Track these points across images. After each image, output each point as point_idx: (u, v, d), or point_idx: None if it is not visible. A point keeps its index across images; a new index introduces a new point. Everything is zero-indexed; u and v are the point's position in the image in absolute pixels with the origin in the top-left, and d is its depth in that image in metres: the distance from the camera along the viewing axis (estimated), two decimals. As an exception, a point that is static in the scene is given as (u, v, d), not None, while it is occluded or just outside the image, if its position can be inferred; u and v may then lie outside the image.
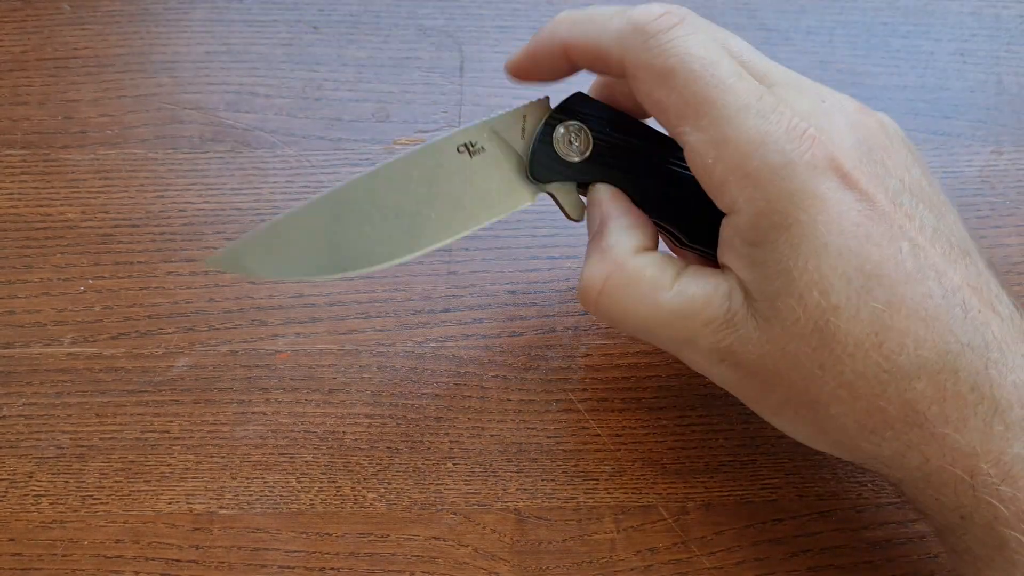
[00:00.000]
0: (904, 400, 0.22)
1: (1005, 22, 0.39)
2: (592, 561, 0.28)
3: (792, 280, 0.21)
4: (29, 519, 0.28)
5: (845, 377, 0.22)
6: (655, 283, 0.24)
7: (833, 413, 0.22)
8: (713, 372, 0.24)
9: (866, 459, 0.23)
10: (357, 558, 0.28)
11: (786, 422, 0.24)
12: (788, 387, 0.23)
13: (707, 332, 0.23)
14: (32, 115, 0.35)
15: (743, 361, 0.23)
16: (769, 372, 0.23)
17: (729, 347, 0.23)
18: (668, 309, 0.23)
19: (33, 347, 0.31)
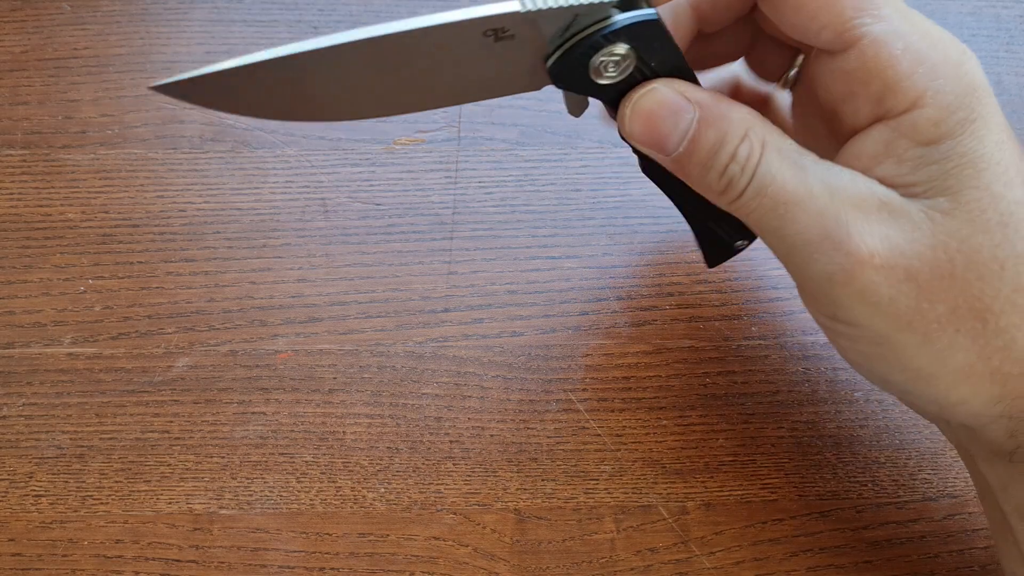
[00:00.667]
0: None
1: (1005, 22, 0.39)
2: (592, 561, 0.28)
3: (979, 171, 0.20)
4: (29, 519, 0.28)
5: (1023, 279, 0.21)
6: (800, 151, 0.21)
7: (1003, 325, 0.21)
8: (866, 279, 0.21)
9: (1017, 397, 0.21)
10: (357, 558, 0.28)
11: (938, 351, 0.21)
12: (958, 292, 0.21)
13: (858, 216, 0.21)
14: (32, 115, 0.35)
15: (906, 256, 0.21)
16: (938, 272, 0.21)
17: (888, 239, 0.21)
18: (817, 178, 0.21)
19: (33, 347, 0.31)
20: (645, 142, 0.22)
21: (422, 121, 0.35)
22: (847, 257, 0.21)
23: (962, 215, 0.21)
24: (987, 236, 0.21)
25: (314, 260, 0.32)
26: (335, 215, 0.33)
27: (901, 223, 0.21)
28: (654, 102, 0.22)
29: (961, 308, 0.21)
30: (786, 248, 0.22)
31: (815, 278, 0.22)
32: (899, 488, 0.29)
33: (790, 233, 0.21)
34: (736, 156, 0.21)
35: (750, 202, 0.22)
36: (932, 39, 0.21)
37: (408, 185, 0.34)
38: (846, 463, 0.30)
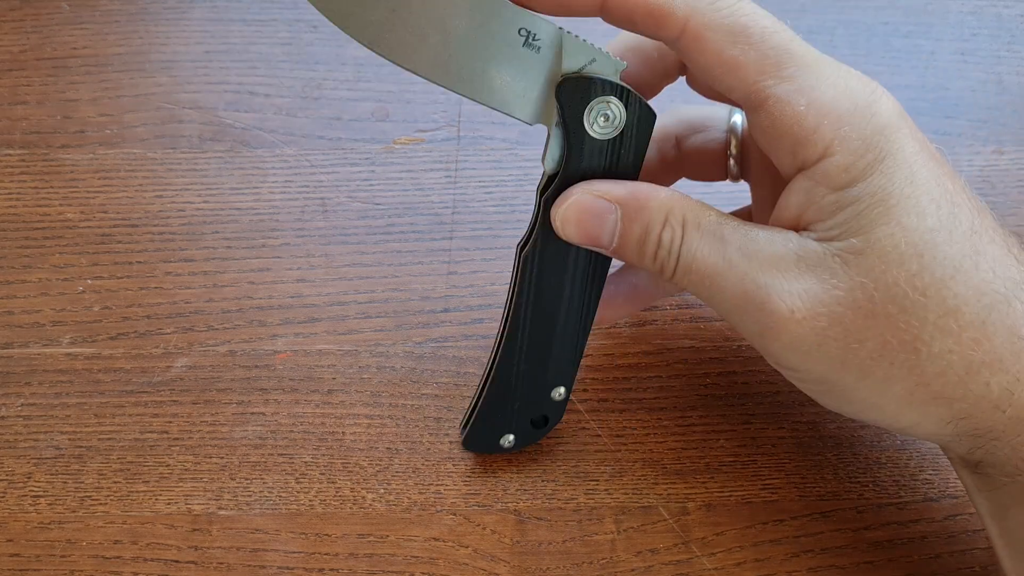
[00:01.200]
0: (1007, 326, 0.21)
1: (1006, 22, 0.39)
2: (592, 562, 0.28)
3: (889, 208, 0.21)
4: (27, 520, 0.28)
5: (948, 304, 0.21)
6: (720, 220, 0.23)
7: (936, 351, 0.21)
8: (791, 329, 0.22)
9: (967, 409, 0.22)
10: (356, 559, 0.28)
11: (874, 385, 0.22)
12: (883, 328, 0.21)
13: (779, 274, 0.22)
14: (31, 115, 0.35)
15: (828, 302, 0.22)
16: (861, 312, 0.21)
17: (808, 289, 0.22)
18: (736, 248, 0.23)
19: (32, 347, 0.31)
20: (583, 242, 0.24)
21: (422, 120, 0.35)
22: (770, 317, 0.22)
23: (874, 253, 0.21)
24: (902, 268, 0.21)
25: (313, 260, 0.32)
26: (334, 215, 0.33)
27: (818, 273, 0.22)
28: (579, 209, 0.24)
29: (891, 343, 0.22)
30: (721, 312, 0.24)
31: (749, 336, 0.24)
32: (900, 489, 0.29)
33: (719, 301, 0.23)
34: (661, 242, 0.23)
35: (682, 280, 0.24)
36: (839, 89, 0.22)
37: (407, 185, 0.34)
38: (847, 464, 0.29)
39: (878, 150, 0.22)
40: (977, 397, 0.22)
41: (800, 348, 0.22)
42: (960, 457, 0.24)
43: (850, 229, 0.22)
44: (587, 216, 0.24)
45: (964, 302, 0.21)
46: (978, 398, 0.22)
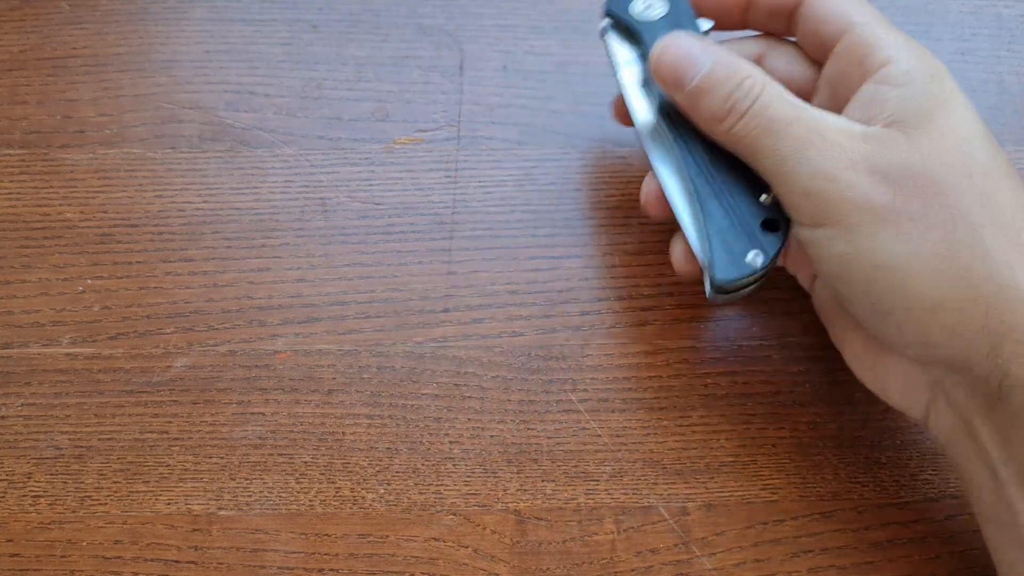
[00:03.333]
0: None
1: (1006, 21, 0.39)
2: (592, 562, 0.28)
3: (948, 106, 0.24)
4: (27, 520, 0.28)
5: (988, 189, 0.23)
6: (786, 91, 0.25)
7: (971, 222, 0.23)
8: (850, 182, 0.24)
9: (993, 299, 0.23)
10: (356, 559, 0.28)
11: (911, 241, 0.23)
12: (930, 192, 0.23)
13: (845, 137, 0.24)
14: (31, 114, 0.35)
15: (889, 166, 0.23)
16: (913, 174, 0.23)
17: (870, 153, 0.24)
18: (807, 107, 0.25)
19: (31, 347, 0.31)
20: (668, 74, 0.26)
21: (421, 120, 0.35)
22: (831, 159, 0.24)
23: (935, 133, 0.24)
24: (957, 150, 0.24)
25: (313, 260, 0.32)
26: (334, 215, 0.33)
27: (883, 142, 0.24)
28: (683, 42, 0.26)
29: (933, 206, 0.23)
30: (780, 158, 0.25)
31: (804, 177, 0.24)
32: (901, 489, 0.29)
33: (784, 145, 0.24)
34: (742, 85, 0.25)
35: (750, 122, 0.25)
36: (906, 38, 0.26)
37: (407, 185, 0.34)
38: (847, 464, 0.29)
39: (934, 69, 0.25)
40: (1003, 285, 0.22)
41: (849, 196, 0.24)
42: (980, 382, 0.23)
43: (911, 113, 0.24)
44: (685, 50, 0.26)
45: (1002, 199, 0.23)
46: (1004, 281, 0.22)
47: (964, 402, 0.24)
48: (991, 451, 0.24)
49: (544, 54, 0.37)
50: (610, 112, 0.31)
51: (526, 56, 0.37)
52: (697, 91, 0.26)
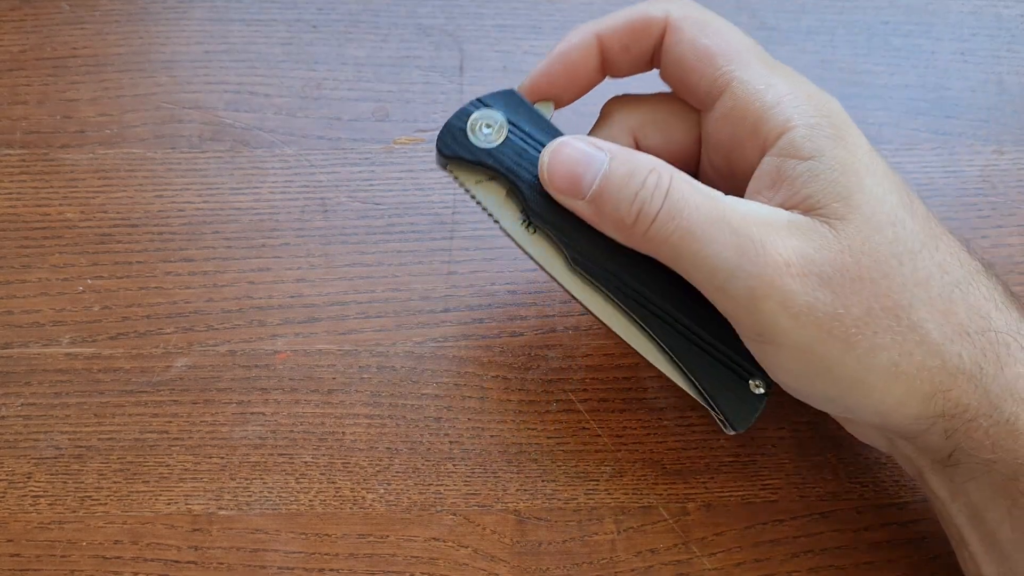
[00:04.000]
0: (968, 304, 0.22)
1: (1006, 21, 0.39)
2: (592, 562, 0.28)
3: (861, 177, 0.23)
4: (27, 520, 0.28)
5: (919, 275, 0.22)
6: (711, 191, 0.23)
7: (915, 319, 0.22)
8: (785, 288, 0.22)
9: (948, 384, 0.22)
10: (356, 559, 0.28)
11: (862, 355, 0.22)
12: (868, 292, 0.22)
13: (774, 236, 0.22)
14: (31, 114, 0.35)
15: (819, 263, 0.22)
16: (849, 275, 0.22)
17: (800, 250, 0.22)
18: (731, 208, 0.23)
19: (31, 347, 0.31)
20: (562, 186, 0.24)
21: (421, 120, 0.35)
22: (765, 268, 0.22)
23: (857, 217, 0.22)
24: (881, 235, 0.22)
25: (313, 260, 0.32)
26: (334, 215, 0.33)
27: (809, 235, 0.22)
28: (571, 148, 0.24)
29: (874, 308, 0.22)
30: (707, 271, 0.23)
31: (737, 296, 0.23)
32: (900, 489, 0.29)
33: (709, 254, 0.22)
34: (646, 183, 0.23)
35: (666, 225, 0.23)
36: (793, 83, 0.24)
37: (408, 184, 0.34)
38: (847, 464, 0.29)
39: (835, 127, 0.23)
40: (954, 369, 0.22)
41: (791, 308, 0.22)
42: (935, 454, 0.24)
43: (828, 196, 0.22)
44: (576, 155, 0.24)
45: (931, 275, 0.22)
46: (955, 370, 0.22)
47: (915, 458, 0.25)
48: (943, 500, 0.25)
49: (544, 54, 0.37)
50: None
51: (526, 56, 0.37)
52: (599, 197, 0.24)
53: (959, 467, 0.24)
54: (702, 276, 0.23)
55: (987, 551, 0.24)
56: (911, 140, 0.35)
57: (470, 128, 0.26)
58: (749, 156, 0.24)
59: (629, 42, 0.26)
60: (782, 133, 0.23)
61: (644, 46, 0.26)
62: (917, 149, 0.35)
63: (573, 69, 0.26)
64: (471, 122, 0.26)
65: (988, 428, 0.22)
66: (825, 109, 0.23)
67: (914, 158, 0.35)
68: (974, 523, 0.24)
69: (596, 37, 0.26)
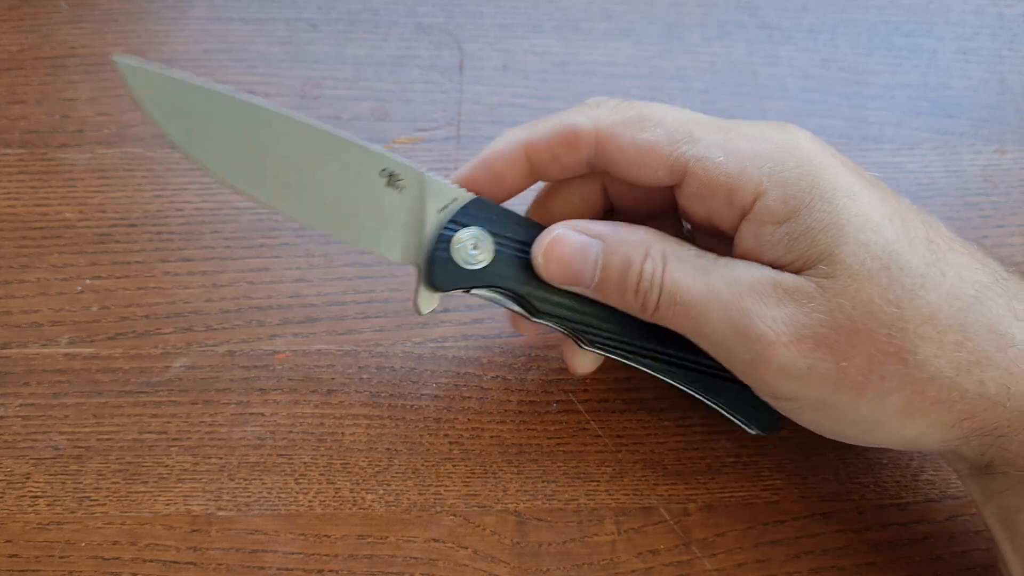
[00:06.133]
0: (986, 323, 0.22)
1: (1008, 21, 0.39)
2: (593, 563, 0.28)
3: (842, 228, 0.22)
4: (26, 520, 0.28)
5: (924, 311, 0.22)
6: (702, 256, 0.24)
7: (922, 357, 0.22)
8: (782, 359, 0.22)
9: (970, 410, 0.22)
10: (356, 560, 0.27)
11: (873, 399, 0.22)
12: (867, 343, 0.22)
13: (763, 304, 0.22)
14: (29, 114, 0.35)
15: (811, 326, 0.22)
16: (844, 331, 0.22)
17: (792, 318, 0.22)
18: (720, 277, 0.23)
19: (30, 347, 0.31)
20: (564, 280, 0.25)
21: (421, 120, 0.35)
22: (758, 343, 0.22)
23: (844, 274, 0.22)
24: (873, 284, 0.22)
25: (312, 260, 0.32)
26: (334, 214, 0.33)
27: (797, 298, 0.22)
28: (562, 244, 0.24)
29: (877, 356, 0.22)
30: (710, 344, 0.24)
31: (740, 366, 0.24)
32: (901, 489, 0.29)
33: (707, 332, 0.23)
34: (643, 274, 0.24)
35: (666, 312, 0.24)
36: (751, 136, 0.23)
37: (407, 184, 0.34)
38: (848, 464, 0.29)
39: (810, 179, 0.22)
40: (975, 396, 0.22)
41: (792, 373, 0.22)
42: (971, 463, 0.24)
43: (811, 256, 0.22)
44: (569, 251, 0.24)
45: (938, 308, 0.22)
46: (976, 396, 0.22)
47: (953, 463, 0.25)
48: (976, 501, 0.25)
49: (544, 53, 0.37)
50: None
51: (526, 55, 0.37)
52: (601, 287, 0.24)
53: (996, 476, 0.24)
54: (708, 348, 0.24)
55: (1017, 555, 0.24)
56: (912, 140, 0.35)
57: (455, 254, 0.25)
58: (729, 224, 0.24)
59: (559, 153, 0.25)
60: (755, 199, 0.23)
61: (575, 157, 0.25)
62: (918, 148, 0.35)
63: (498, 177, 0.26)
64: (454, 248, 0.25)
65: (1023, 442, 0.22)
66: (796, 156, 0.23)
67: (915, 158, 0.35)
68: (1007, 525, 0.24)
69: (523, 147, 0.25)
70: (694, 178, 0.23)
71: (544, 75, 0.36)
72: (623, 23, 0.38)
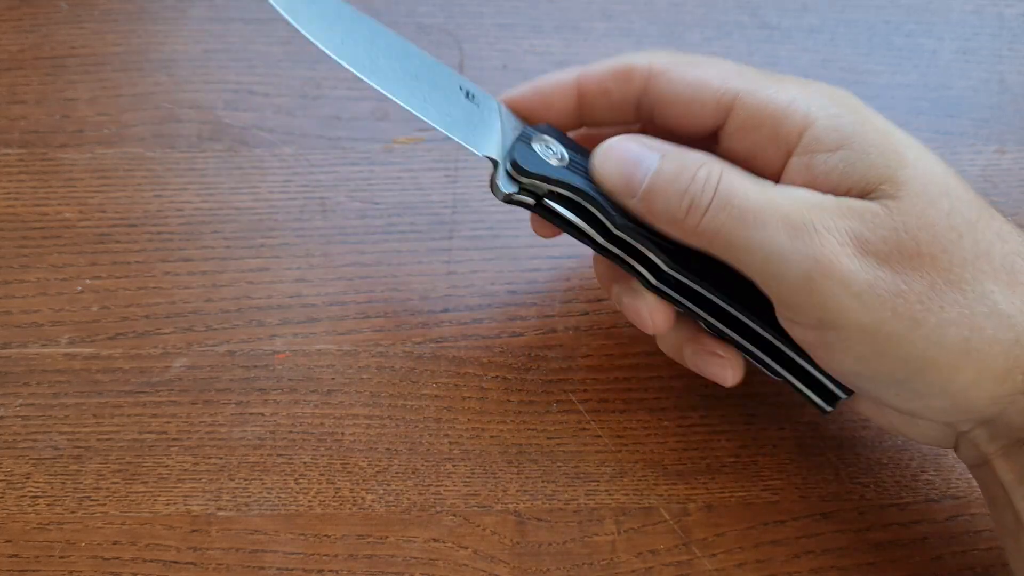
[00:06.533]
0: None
1: (1008, 21, 0.39)
2: (593, 563, 0.28)
3: (901, 154, 0.22)
4: (26, 520, 0.28)
5: (981, 246, 0.21)
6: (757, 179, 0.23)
7: (981, 291, 0.21)
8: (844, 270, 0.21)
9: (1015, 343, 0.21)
10: (356, 560, 0.27)
11: (931, 332, 0.21)
12: (930, 267, 0.21)
13: (825, 216, 0.22)
14: (29, 114, 0.35)
15: (875, 241, 0.21)
16: (907, 253, 0.21)
17: (854, 230, 0.21)
18: (779, 193, 0.22)
19: (30, 347, 0.31)
20: (615, 182, 0.24)
21: (421, 119, 0.35)
22: (821, 250, 0.21)
23: (908, 195, 0.21)
24: (936, 208, 0.21)
25: (312, 260, 0.32)
26: (333, 214, 0.33)
27: (862, 216, 0.22)
28: (622, 148, 0.24)
29: (938, 283, 0.21)
30: (761, 259, 0.22)
31: (794, 281, 0.22)
32: (902, 489, 0.29)
33: (761, 240, 0.22)
34: (696, 178, 0.23)
35: (717, 216, 0.22)
36: (800, 81, 0.24)
37: (407, 184, 0.34)
38: (848, 464, 0.29)
39: (856, 112, 0.23)
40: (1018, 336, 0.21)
41: (852, 287, 0.21)
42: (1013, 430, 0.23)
43: (871, 180, 0.22)
44: (625, 154, 0.24)
45: (991, 245, 0.22)
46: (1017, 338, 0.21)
47: (984, 445, 0.24)
48: (1007, 485, 0.24)
49: (544, 53, 0.37)
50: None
51: (526, 55, 0.37)
52: (650, 193, 0.24)
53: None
54: (756, 263, 0.23)
55: None
56: (912, 139, 0.35)
57: (536, 147, 0.26)
58: (774, 163, 0.23)
59: (610, 86, 0.25)
60: (804, 130, 0.23)
61: (625, 92, 0.25)
62: (918, 148, 0.35)
63: (547, 102, 0.26)
64: (535, 143, 0.26)
65: None
66: (841, 98, 0.23)
67: (915, 157, 0.35)
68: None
69: (576, 78, 0.26)
70: (741, 110, 0.24)
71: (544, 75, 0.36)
72: (623, 23, 0.38)
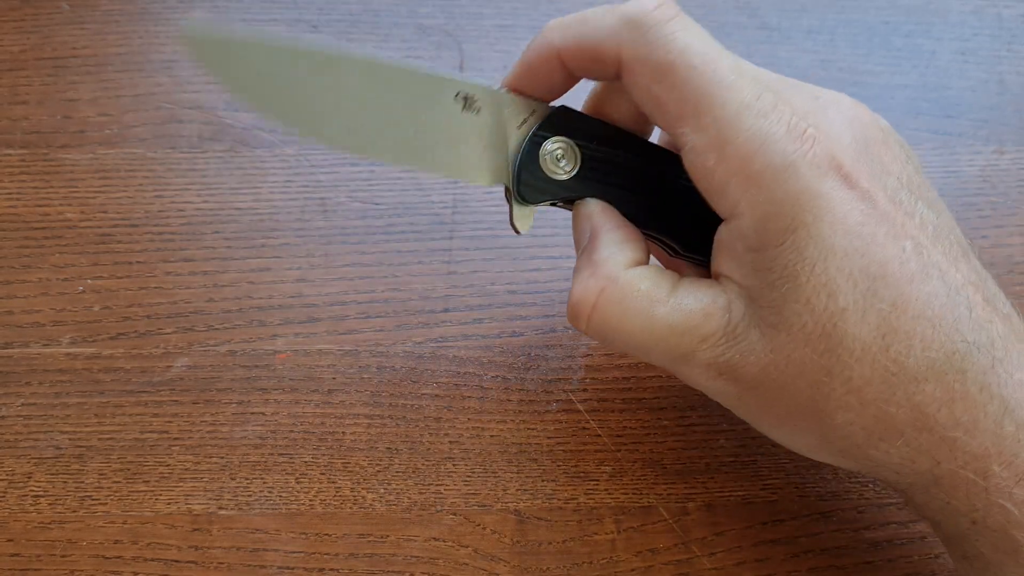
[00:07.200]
0: (913, 404, 0.21)
1: (1007, 21, 0.39)
2: (592, 562, 0.28)
3: (799, 285, 0.21)
4: (28, 519, 0.28)
5: (853, 383, 0.21)
6: (650, 297, 0.23)
7: (839, 422, 0.22)
8: (710, 387, 0.24)
9: (873, 467, 0.23)
10: (356, 559, 0.28)
11: (787, 434, 0.24)
12: (792, 398, 0.22)
13: (706, 347, 0.23)
14: (31, 114, 0.35)
15: (744, 375, 0.22)
16: (772, 384, 0.22)
17: (728, 361, 0.22)
18: (665, 324, 0.23)
19: (32, 347, 0.31)
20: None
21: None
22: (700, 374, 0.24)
23: (785, 331, 0.21)
24: (811, 348, 0.21)
25: (313, 260, 0.32)
26: (334, 215, 0.33)
27: (741, 346, 0.22)
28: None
29: (797, 411, 0.23)
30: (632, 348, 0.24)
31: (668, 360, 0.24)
32: (900, 489, 0.29)
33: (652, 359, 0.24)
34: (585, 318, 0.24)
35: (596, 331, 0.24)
36: (753, 146, 0.21)
37: (407, 184, 0.34)
38: (847, 464, 0.29)
39: (789, 219, 0.21)
40: (876, 462, 0.23)
41: (719, 397, 0.24)
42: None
43: (766, 298, 0.22)
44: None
45: (867, 383, 0.21)
46: (877, 464, 0.23)
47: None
48: None
49: (544, 54, 0.37)
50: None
51: (526, 56, 0.37)
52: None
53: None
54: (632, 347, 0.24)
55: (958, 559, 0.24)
56: (912, 140, 0.35)
57: (542, 165, 0.25)
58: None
59: (589, 67, 0.24)
60: (730, 217, 0.22)
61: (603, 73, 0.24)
62: (917, 149, 0.35)
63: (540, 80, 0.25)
64: (540, 160, 0.25)
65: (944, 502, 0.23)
66: (785, 189, 0.21)
67: (914, 158, 0.35)
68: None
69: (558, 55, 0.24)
70: (687, 161, 0.22)
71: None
72: (623, 24, 0.38)
